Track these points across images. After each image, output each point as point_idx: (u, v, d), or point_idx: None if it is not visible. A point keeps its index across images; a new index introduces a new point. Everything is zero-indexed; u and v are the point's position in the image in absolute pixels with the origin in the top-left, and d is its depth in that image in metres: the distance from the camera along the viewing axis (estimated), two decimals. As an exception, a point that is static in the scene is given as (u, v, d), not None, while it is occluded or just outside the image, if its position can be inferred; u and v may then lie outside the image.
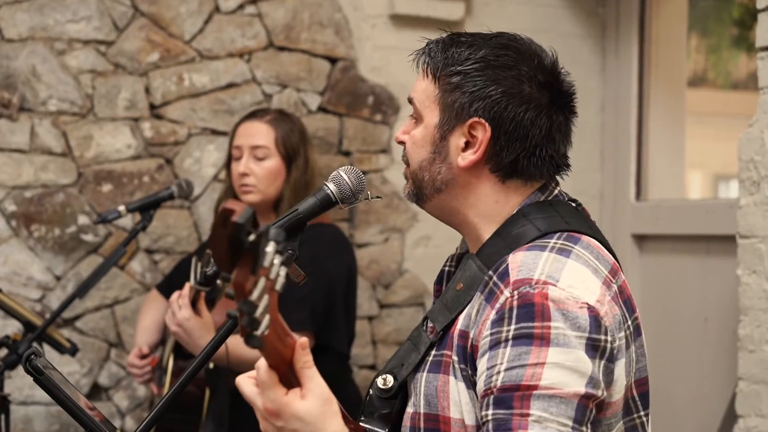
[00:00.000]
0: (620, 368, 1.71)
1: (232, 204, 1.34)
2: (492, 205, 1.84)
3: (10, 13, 3.67)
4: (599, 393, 1.64)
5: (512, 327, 1.63)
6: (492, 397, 1.60)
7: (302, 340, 1.48)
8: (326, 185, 1.96)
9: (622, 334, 1.72)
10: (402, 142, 1.90)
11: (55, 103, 3.70)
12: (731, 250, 3.14)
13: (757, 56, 3.02)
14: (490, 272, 1.73)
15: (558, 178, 1.89)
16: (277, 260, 1.37)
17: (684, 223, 3.83)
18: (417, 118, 1.86)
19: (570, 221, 1.81)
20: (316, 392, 1.46)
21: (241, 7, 3.89)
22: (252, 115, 3.33)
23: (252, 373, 1.50)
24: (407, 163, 1.90)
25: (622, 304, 1.74)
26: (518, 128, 1.80)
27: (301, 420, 1.45)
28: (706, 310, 3.66)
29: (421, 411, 1.79)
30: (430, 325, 1.83)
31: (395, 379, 1.82)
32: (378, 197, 2.04)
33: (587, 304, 1.66)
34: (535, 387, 1.58)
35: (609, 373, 1.67)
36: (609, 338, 1.67)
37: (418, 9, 4.01)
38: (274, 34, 3.92)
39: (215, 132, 3.85)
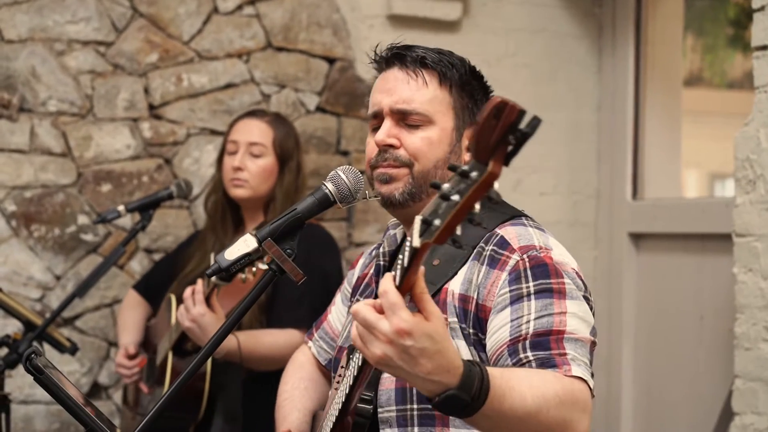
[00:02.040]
0: None
1: (503, 98, 1.36)
2: None
3: (10, 15, 3.68)
4: (595, 340, 1.88)
5: (531, 283, 1.85)
6: (528, 341, 1.79)
7: (421, 268, 1.53)
8: (325, 185, 1.98)
9: None
10: (390, 146, 1.98)
11: (54, 103, 3.72)
12: (727, 249, 3.16)
13: (753, 55, 3.03)
14: (482, 244, 1.92)
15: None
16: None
17: (680, 221, 3.84)
18: (421, 123, 2.00)
19: (514, 208, 2.02)
20: (438, 314, 1.53)
21: (239, 8, 3.90)
22: (251, 114, 3.35)
23: (370, 301, 1.54)
24: (406, 164, 1.97)
25: None
26: None
27: (431, 338, 1.50)
28: (702, 308, 3.67)
29: None
30: None
31: None
32: (376, 197, 2.05)
33: (575, 269, 1.91)
34: (564, 332, 1.80)
35: None
36: (592, 299, 1.93)
37: (415, 9, 4.02)
38: (272, 34, 3.93)
39: (214, 132, 3.87)
